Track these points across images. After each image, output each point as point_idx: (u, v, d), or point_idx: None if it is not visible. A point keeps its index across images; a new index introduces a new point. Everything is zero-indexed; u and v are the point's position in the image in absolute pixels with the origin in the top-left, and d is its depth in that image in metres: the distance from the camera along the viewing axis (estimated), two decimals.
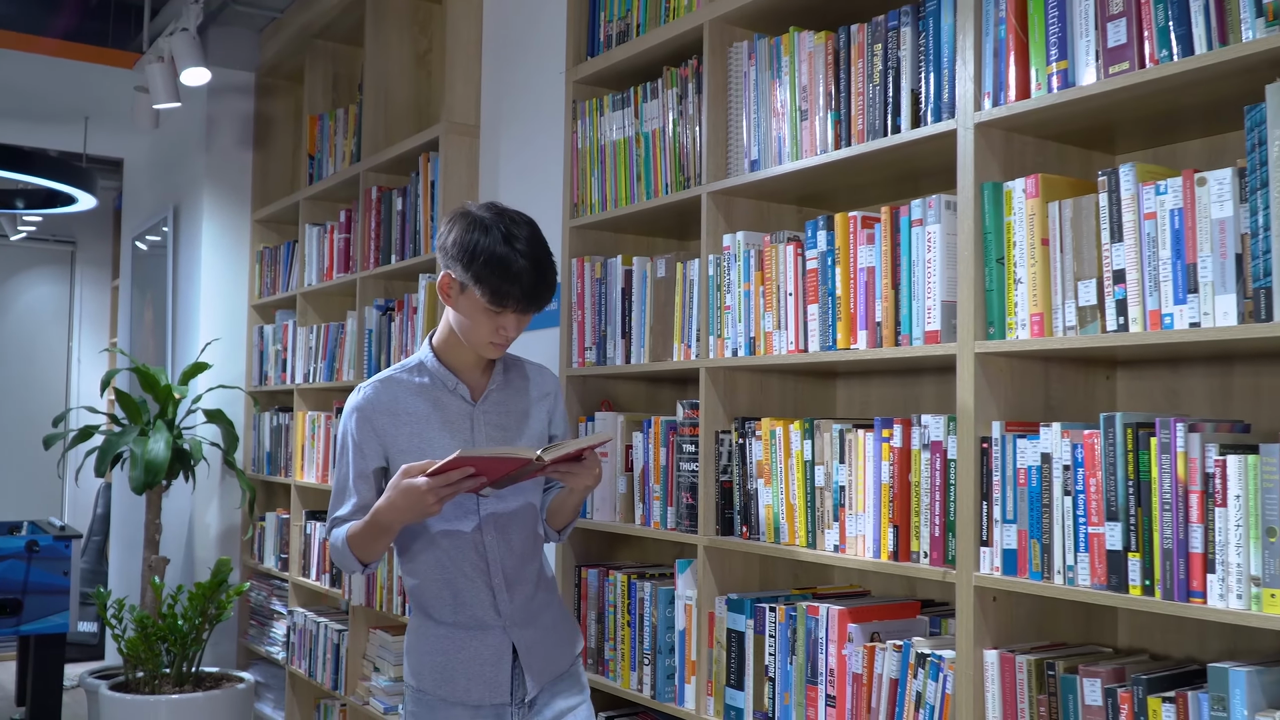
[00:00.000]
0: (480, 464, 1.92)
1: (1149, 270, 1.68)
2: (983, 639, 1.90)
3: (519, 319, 2.06)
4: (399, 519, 1.99)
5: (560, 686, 2.20)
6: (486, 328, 2.05)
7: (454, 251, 2.03)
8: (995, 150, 1.94)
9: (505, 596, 2.14)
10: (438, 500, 1.94)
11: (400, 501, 1.95)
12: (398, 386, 2.14)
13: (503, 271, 1.98)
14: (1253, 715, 1.53)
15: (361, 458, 2.12)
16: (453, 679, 2.12)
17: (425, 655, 2.15)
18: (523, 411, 2.21)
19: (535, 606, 2.19)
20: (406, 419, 2.12)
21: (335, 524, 2.15)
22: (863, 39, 2.18)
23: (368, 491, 2.12)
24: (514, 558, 2.17)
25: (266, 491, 5.05)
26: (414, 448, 2.10)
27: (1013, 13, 1.89)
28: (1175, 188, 1.65)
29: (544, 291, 2.05)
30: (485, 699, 2.12)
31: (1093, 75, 1.77)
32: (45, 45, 4.88)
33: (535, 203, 3.28)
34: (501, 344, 2.09)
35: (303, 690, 4.52)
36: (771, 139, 2.37)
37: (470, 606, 2.13)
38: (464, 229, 2.03)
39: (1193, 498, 1.60)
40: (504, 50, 3.54)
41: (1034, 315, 1.84)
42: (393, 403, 2.12)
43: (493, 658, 2.13)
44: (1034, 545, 1.81)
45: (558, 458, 1.96)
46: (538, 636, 2.18)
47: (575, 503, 2.22)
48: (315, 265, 4.55)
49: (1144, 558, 1.66)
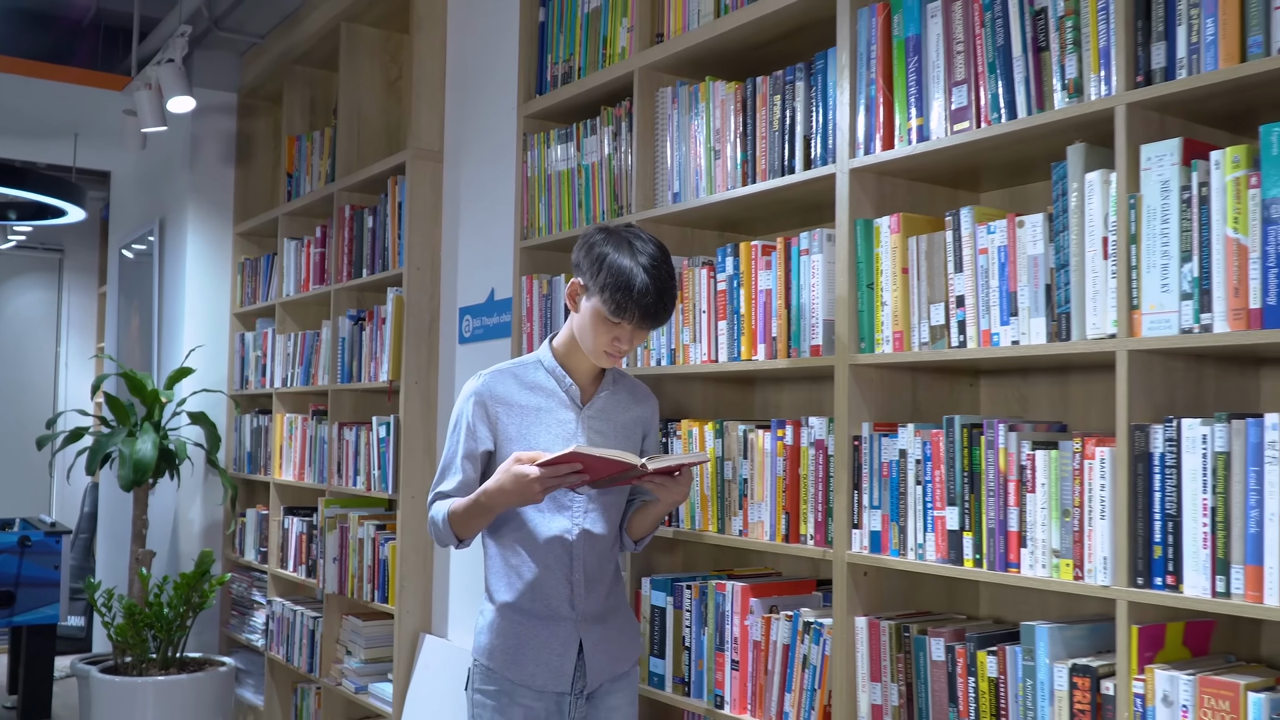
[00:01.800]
0: (590, 462, 2.04)
1: (982, 296, 2.02)
2: (855, 608, 2.23)
3: (635, 332, 2.16)
4: (504, 501, 2.12)
5: (617, 686, 2.31)
6: (604, 337, 2.17)
7: (586, 261, 2.16)
8: (868, 191, 2.27)
9: (582, 592, 2.24)
10: (543, 489, 2.06)
11: (509, 485, 2.08)
12: (514, 379, 2.28)
13: (625, 286, 2.10)
14: (1052, 664, 1.86)
15: (471, 439, 2.24)
16: (521, 663, 2.22)
17: (499, 637, 2.24)
18: (623, 424, 2.33)
19: (608, 607, 2.30)
20: (518, 410, 2.25)
21: (438, 498, 2.26)
22: (765, 90, 2.51)
23: (472, 471, 2.24)
24: (596, 557, 2.27)
25: (247, 489, 5.36)
26: (520, 438, 2.23)
27: (881, 75, 2.22)
28: (1002, 228, 1.99)
29: (662, 311, 2.15)
30: (549, 686, 2.22)
31: (943, 131, 2.11)
32: (38, 69, 5.18)
33: (490, 225, 3.61)
34: (615, 354, 2.20)
35: (281, 675, 4.83)
36: (690, 173, 2.70)
37: (548, 597, 2.23)
38: (598, 243, 2.16)
39: (1010, 486, 1.94)
40: (465, 83, 3.86)
41: (896, 332, 2.17)
42: (508, 393, 2.25)
43: (561, 648, 2.23)
44: (894, 527, 2.15)
45: (659, 469, 2.09)
46: (605, 635, 2.28)
47: (659, 514, 2.32)
48: (293, 277, 4.86)
49: (975, 536, 2.00)
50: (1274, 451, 1.60)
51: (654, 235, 2.23)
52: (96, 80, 5.38)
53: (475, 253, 3.72)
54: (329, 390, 4.37)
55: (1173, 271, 1.72)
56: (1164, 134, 1.79)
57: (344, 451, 4.24)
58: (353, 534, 4.11)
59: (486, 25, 3.70)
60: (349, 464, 4.21)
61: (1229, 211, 1.65)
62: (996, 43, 2.01)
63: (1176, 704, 1.69)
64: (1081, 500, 1.83)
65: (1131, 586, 1.75)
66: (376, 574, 3.97)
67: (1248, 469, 1.63)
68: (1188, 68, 1.73)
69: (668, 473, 2.13)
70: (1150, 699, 1.72)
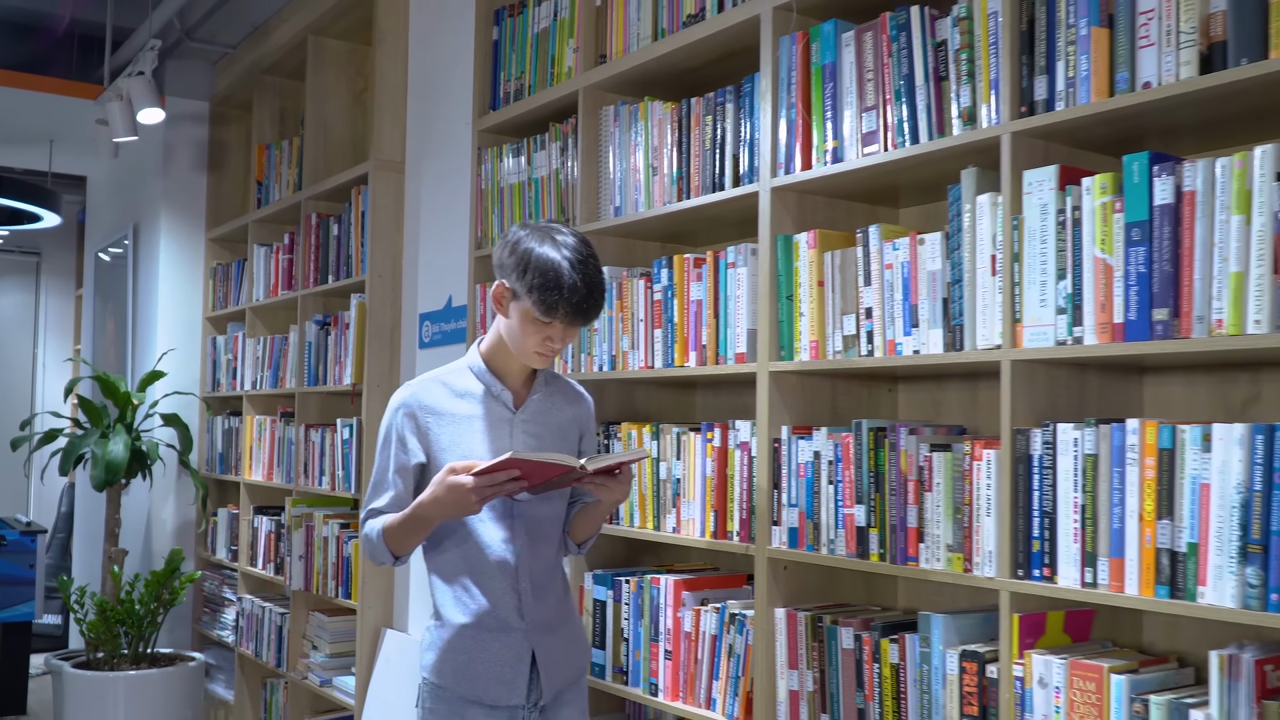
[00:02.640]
0: (527, 467, 1.99)
1: (887, 308, 2.16)
2: (775, 600, 2.37)
3: (566, 331, 2.10)
4: (440, 513, 2.05)
5: (569, 696, 2.26)
6: (534, 337, 2.10)
7: (510, 262, 2.08)
8: (789, 208, 2.41)
9: (531, 601, 2.18)
10: (480, 499, 2.00)
11: (444, 496, 2.01)
12: (442, 387, 2.21)
13: (555, 285, 2.03)
14: (945, 650, 2.01)
15: (402, 452, 2.17)
16: (473, 678, 2.15)
17: (447, 653, 2.17)
18: (558, 424, 2.27)
19: (558, 616, 2.25)
20: (449, 419, 2.17)
21: (371, 515, 2.19)
22: (699, 110, 2.65)
23: (405, 485, 2.17)
24: (541, 565, 2.22)
25: (218, 489, 5.48)
26: (454, 446, 2.16)
27: (800, 99, 2.36)
28: (905, 245, 2.13)
29: (592, 307, 2.09)
30: (502, 699, 2.15)
31: (854, 153, 2.25)
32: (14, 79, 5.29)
33: (448, 234, 3.74)
34: (548, 354, 2.14)
35: (251, 670, 4.95)
36: (631, 188, 2.84)
37: (496, 609, 2.16)
38: (521, 242, 2.08)
39: (910, 485, 2.09)
40: (425, 96, 3.99)
41: (812, 341, 2.31)
42: (437, 402, 2.18)
43: (513, 660, 2.16)
44: (809, 524, 2.29)
45: (599, 469, 2.04)
46: (557, 643, 2.22)
47: (602, 515, 2.28)
48: (262, 282, 4.98)
49: (880, 531, 2.14)
50: (1134, 454, 1.75)
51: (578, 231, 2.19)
52: (71, 89, 5.49)
53: (434, 260, 3.85)
54: (296, 393, 4.49)
55: (1050, 288, 1.87)
56: (1049, 160, 1.94)
57: (310, 452, 4.37)
58: (318, 532, 4.24)
59: (445, 42, 3.83)
60: (315, 465, 4.34)
61: (1097, 233, 1.80)
62: (902, 72, 2.16)
63: (1050, 685, 1.83)
64: (971, 498, 1.98)
65: (1013, 578, 1.90)
66: (340, 571, 4.10)
67: (1112, 470, 1.77)
68: (1066, 100, 1.88)
69: (608, 472, 2.07)
70: (1029, 681, 1.87)
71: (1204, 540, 1.66)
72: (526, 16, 3.26)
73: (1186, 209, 1.69)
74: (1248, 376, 1.95)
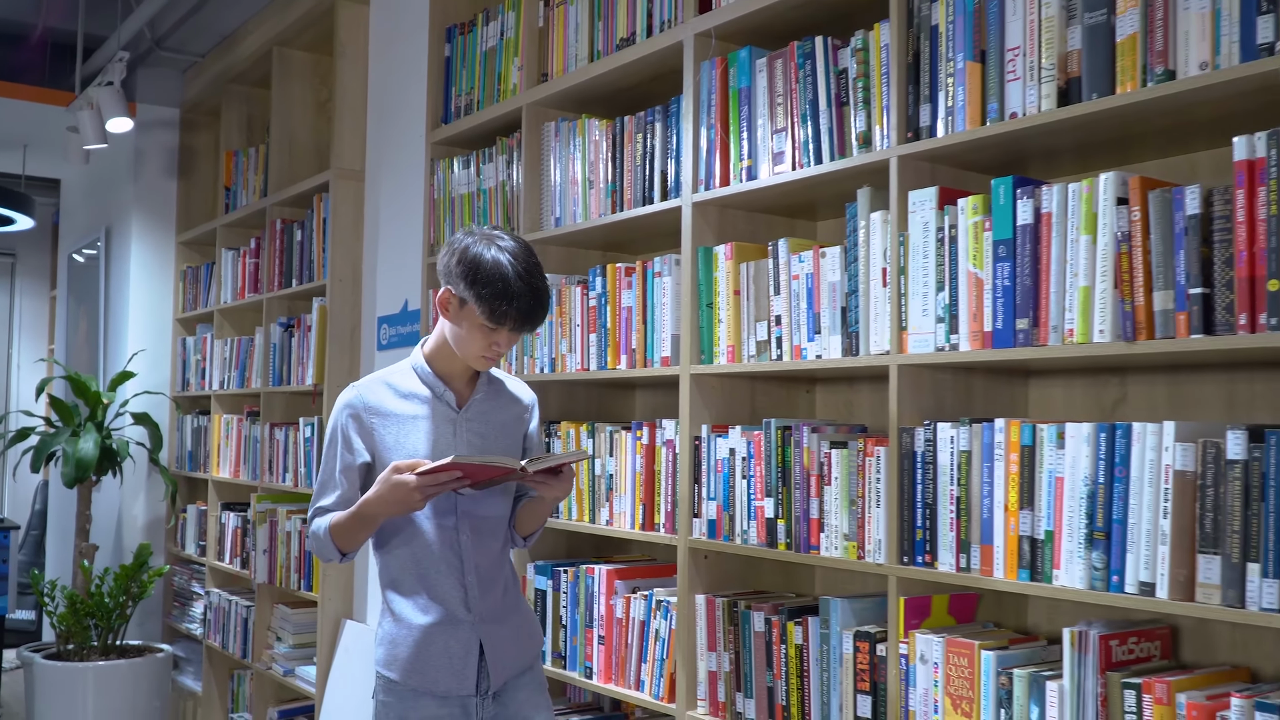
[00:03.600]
0: (470, 469, 2.06)
1: (794, 316, 2.34)
2: (696, 587, 2.54)
3: (511, 336, 2.16)
4: (384, 511, 2.11)
5: (524, 680, 2.31)
6: (480, 343, 2.15)
7: (457, 270, 2.12)
8: (709, 222, 2.58)
9: (477, 594, 2.23)
10: (424, 497, 2.07)
11: (388, 495, 2.07)
12: (387, 388, 2.25)
13: (502, 292, 2.07)
14: (842, 632, 2.18)
15: (349, 452, 2.21)
16: (423, 670, 2.20)
17: (398, 647, 2.22)
18: (502, 423, 2.32)
19: (505, 607, 2.29)
20: (394, 419, 2.22)
21: (319, 514, 2.24)
22: (631, 128, 2.82)
23: (351, 484, 2.21)
24: (487, 558, 2.26)
25: (188, 486, 5.62)
26: (399, 446, 2.20)
27: (719, 120, 2.53)
28: (809, 258, 2.31)
29: (538, 314, 2.14)
30: (453, 690, 2.20)
31: (767, 172, 2.43)
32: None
33: (404, 241, 3.90)
34: (492, 358, 2.19)
35: (219, 662, 5.09)
36: (570, 200, 3.01)
37: (443, 602, 2.21)
38: (468, 250, 2.12)
39: (813, 479, 2.26)
40: (384, 108, 4.15)
41: (729, 346, 2.48)
42: (381, 403, 2.23)
43: (461, 651, 2.21)
44: (725, 516, 2.46)
45: (540, 470, 2.11)
46: (504, 634, 2.27)
47: (545, 510, 2.35)
48: (230, 285, 5.13)
49: (787, 523, 2.32)
50: (1001, 451, 1.92)
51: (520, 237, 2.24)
52: (44, 96, 5.62)
53: (391, 266, 4.01)
54: (261, 393, 4.65)
55: (930, 299, 2.04)
56: (935, 181, 2.12)
57: (274, 450, 4.52)
58: (281, 527, 4.39)
59: (401, 57, 3.99)
60: (279, 462, 4.49)
61: (970, 250, 1.98)
62: (808, 97, 2.33)
63: (931, 661, 2.01)
64: (864, 491, 2.16)
65: (899, 564, 2.08)
66: (303, 564, 4.26)
67: (983, 465, 1.95)
68: (946, 126, 2.05)
69: (550, 471, 2.14)
70: (912, 658, 2.04)
71: (1058, 528, 1.84)
72: (476, 35, 3.43)
73: (1044, 229, 1.87)
74: (1117, 380, 2.13)
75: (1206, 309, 1.67)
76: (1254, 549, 1.60)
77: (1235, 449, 1.63)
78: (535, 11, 3.17)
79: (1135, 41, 1.79)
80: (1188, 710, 1.66)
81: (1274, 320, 1.59)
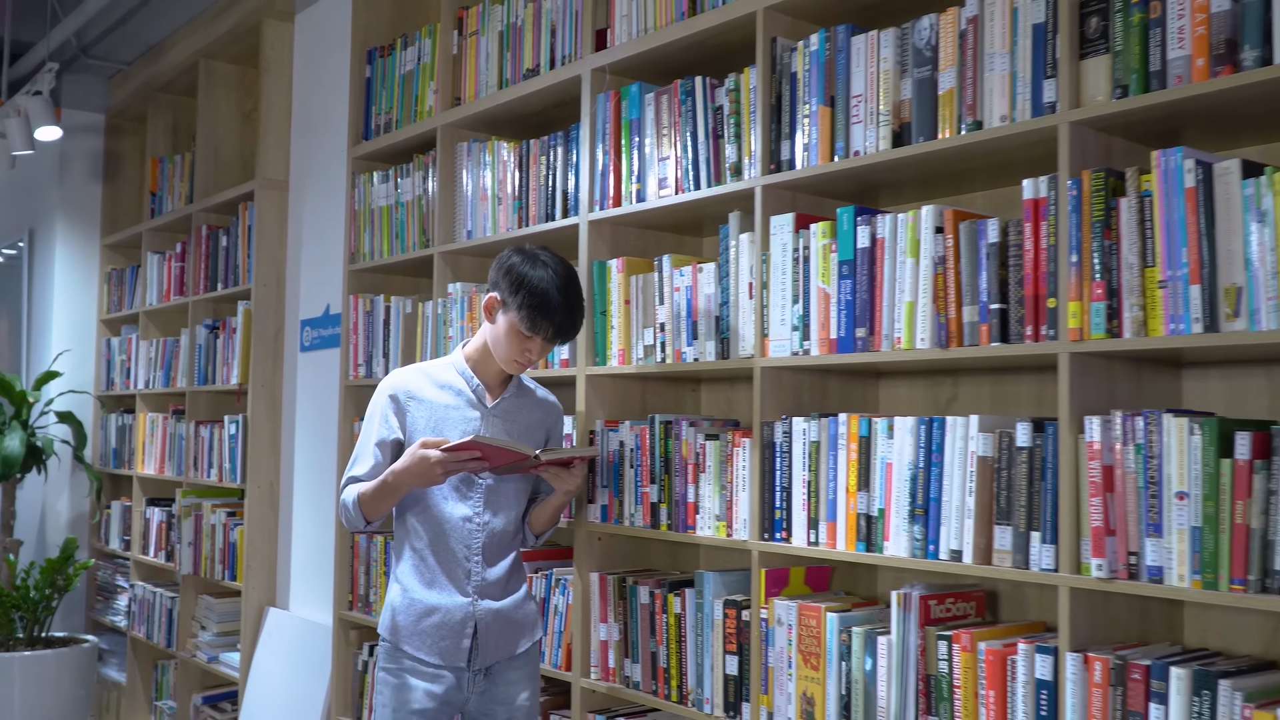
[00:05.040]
0: (487, 450, 2.30)
1: (675, 324, 2.64)
2: (592, 566, 2.83)
3: (544, 346, 2.41)
4: (407, 481, 2.35)
5: (517, 663, 2.54)
6: (515, 348, 2.42)
7: (504, 281, 2.40)
8: (604, 238, 2.88)
9: (480, 575, 2.46)
10: (444, 472, 2.31)
11: (413, 467, 2.32)
12: (426, 377, 2.52)
13: (542, 305, 2.35)
14: (714, 601, 2.49)
15: (385, 427, 2.47)
16: (423, 639, 2.44)
17: (401, 615, 2.47)
18: (526, 425, 2.56)
19: (506, 592, 2.52)
20: (428, 405, 2.48)
21: (350, 483, 2.47)
22: (536, 151, 3.10)
23: (383, 457, 2.45)
24: (495, 544, 2.49)
25: (112, 482, 5.78)
26: (429, 430, 2.46)
27: (613, 147, 2.83)
28: (689, 272, 2.61)
29: (571, 329, 2.43)
30: (446, 660, 2.44)
31: (654, 195, 2.73)
32: None
33: (327, 249, 4.14)
34: (524, 363, 2.44)
35: (143, 652, 5.27)
36: (480, 216, 3.28)
37: (448, 578, 2.44)
38: (517, 262, 2.40)
39: (690, 468, 2.57)
40: (307, 122, 4.38)
41: (620, 350, 2.78)
42: (420, 389, 2.49)
43: (458, 626, 2.44)
44: (616, 501, 2.76)
45: (552, 460, 2.39)
46: (500, 618, 2.49)
47: (558, 505, 2.57)
48: (155, 288, 5.31)
49: (669, 506, 2.62)
50: (843, 441, 2.24)
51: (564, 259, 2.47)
52: None
53: (314, 272, 4.25)
54: (187, 392, 4.84)
55: (788, 310, 2.36)
56: (795, 208, 2.44)
57: (200, 447, 4.73)
58: (206, 521, 4.60)
59: (325, 75, 4.23)
60: (204, 458, 4.70)
61: (820, 269, 2.30)
62: (689, 129, 2.63)
63: (786, 624, 2.33)
64: (732, 478, 2.47)
65: (760, 540, 2.39)
66: (227, 555, 4.47)
67: (830, 453, 2.27)
68: (802, 161, 2.37)
69: (562, 464, 2.39)
70: (771, 622, 2.36)
71: (888, 506, 2.16)
72: (395, 59, 3.68)
73: (879, 252, 2.19)
74: (950, 381, 2.47)
75: (1003, 321, 2.01)
76: (1036, 520, 1.94)
77: (1023, 438, 1.96)
78: (450, 40, 3.44)
79: (953, 95, 2.12)
80: (986, 655, 1.99)
81: (1051, 331, 1.93)
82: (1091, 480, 1.86)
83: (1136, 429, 1.82)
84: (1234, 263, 1.72)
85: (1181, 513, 1.76)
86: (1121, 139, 2.01)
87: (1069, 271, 1.90)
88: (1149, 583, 1.80)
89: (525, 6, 3.14)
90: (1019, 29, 2.02)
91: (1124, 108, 1.87)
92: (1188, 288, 1.77)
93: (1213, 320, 1.74)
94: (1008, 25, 2.03)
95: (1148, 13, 1.85)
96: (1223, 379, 2.05)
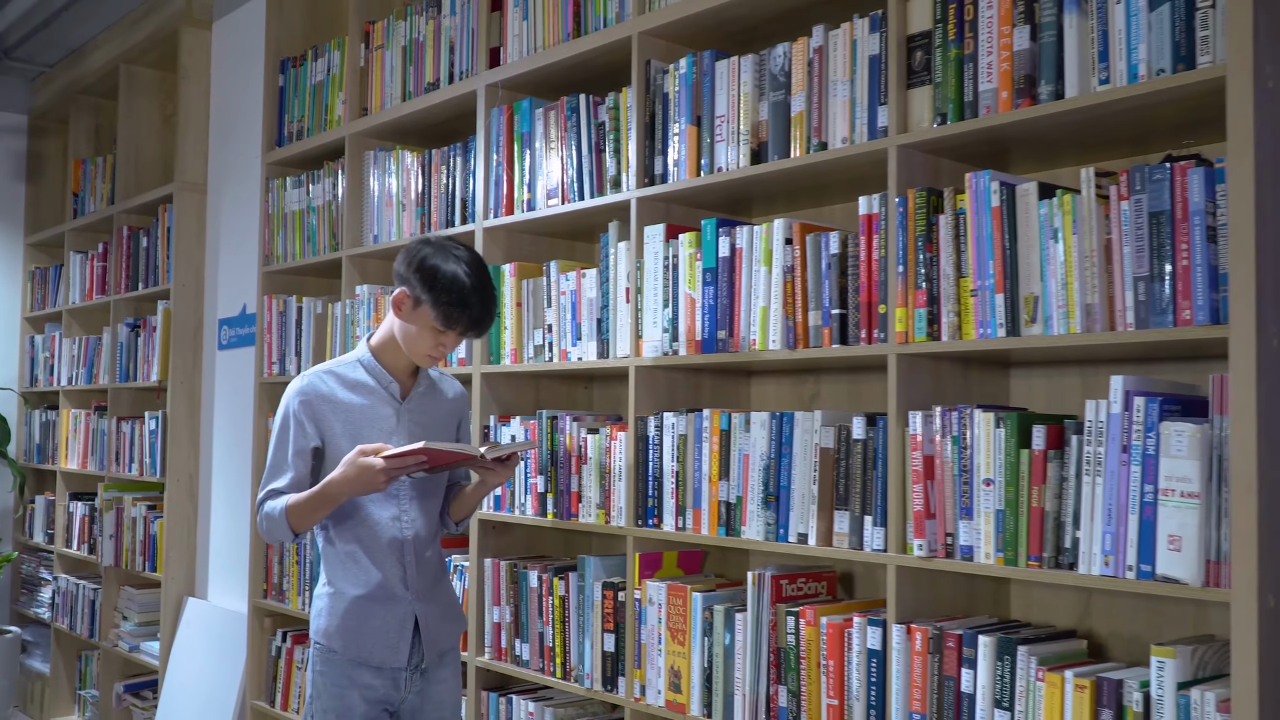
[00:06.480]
0: (434, 455, 2.26)
1: (562, 325, 2.82)
2: (486, 552, 3.01)
3: (458, 339, 2.36)
4: (349, 491, 2.27)
5: (446, 660, 2.51)
6: (430, 342, 2.35)
7: (415, 276, 2.31)
8: (498, 243, 3.05)
9: (414, 573, 2.43)
10: (387, 479, 2.24)
11: (355, 476, 2.24)
12: (335, 378, 2.42)
13: (458, 299, 2.28)
14: (594, 583, 2.68)
15: (302, 436, 2.37)
16: (360, 643, 2.38)
17: (338, 620, 2.39)
18: (439, 415, 2.53)
19: (436, 585, 2.50)
20: (343, 407, 2.40)
21: (271, 495, 2.36)
22: (437, 160, 3.27)
23: (304, 467, 2.37)
24: (424, 540, 2.47)
25: (36, 477, 5.85)
26: (347, 434, 2.38)
27: (506, 159, 3.00)
28: (574, 277, 2.79)
29: (487, 321, 2.35)
30: (388, 662, 2.39)
31: (542, 203, 2.90)
32: None
33: (242, 251, 4.27)
34: (438, 357, 2.39)
35: (66, 643, 5.36)
36: (385, 221, 3.44)
37: (385, 580, 2.40)
38: (429, 254, 2.31)
39: (573, 460, 2.75)
40: (225, 128, 4.50)
41: (512, 349, 2.96)
42: (331, 392, 2.40)
43: (399, 626, 2.40)
44: (508, 491, 2.93)
45: (494, 457, 2.37)
46: (437, 612, 2.47)
47: (482, 496, 2.53)
48: (78, 287, 5.39)
49: (554, 495, 2.80)
50: (707, 434, 2.44)
51: (474, 250, 2.43)
52: None
53: (231, 273, 4.37)
54: (109, 389, 4.95)
55: (659, 313, 2.55)
56: (668, 218, 2.62)
57: (121, 442, 4.83)
58: (127, 514, 4.71)
59: (240, 82, 4.36)
60: (125, 453, 4.80)
61: (687, 275, 2.49)
62: (574, 143, 2.81)
63: (656, 603, 2.52)
64: (611, 468, 2.65)
65: (635, 526, 2.58)
66: (147, 547, 4.59)
67: (696, 445, 2.47)
68: (673, 176, 2.56)
69: (500, 460, 2.40)
70: (644, 602, 2.55)
71: (745, 494, 2.36)
72: (306, 69, 3.83)
73: (738, 261, 2.39)
74: (813, 379, 2.67)
75: (843, 325, 2.21)
76: (869, 505, 2.15)
77: (859, 431, 2.17)
78: (357, 53, 3.59)
79: (803, 117, 2.32)
80: (827, 628, 2.20)
81: (882, 335, 2.14)
82: (915, 469, 2.07)
83: (952, 423, 2.03)
84: (1032, 274, 1.94)
85: (988, 497, 1.98)
86: (950, 160, 2.22)
87: (897, 280, 2.11)
88: (962, 560, 2.02)
89: (426, 24, 3.30)
90: (858, 59, 2.22)
91: (943, 134, 2.08)
92: (994, 296, 1.98)
93: (1014, 325, 1.96)
94: (848, 56, 2.24)
95: (963, 49, 2.06)
96: (1044, 378, 2.27)
